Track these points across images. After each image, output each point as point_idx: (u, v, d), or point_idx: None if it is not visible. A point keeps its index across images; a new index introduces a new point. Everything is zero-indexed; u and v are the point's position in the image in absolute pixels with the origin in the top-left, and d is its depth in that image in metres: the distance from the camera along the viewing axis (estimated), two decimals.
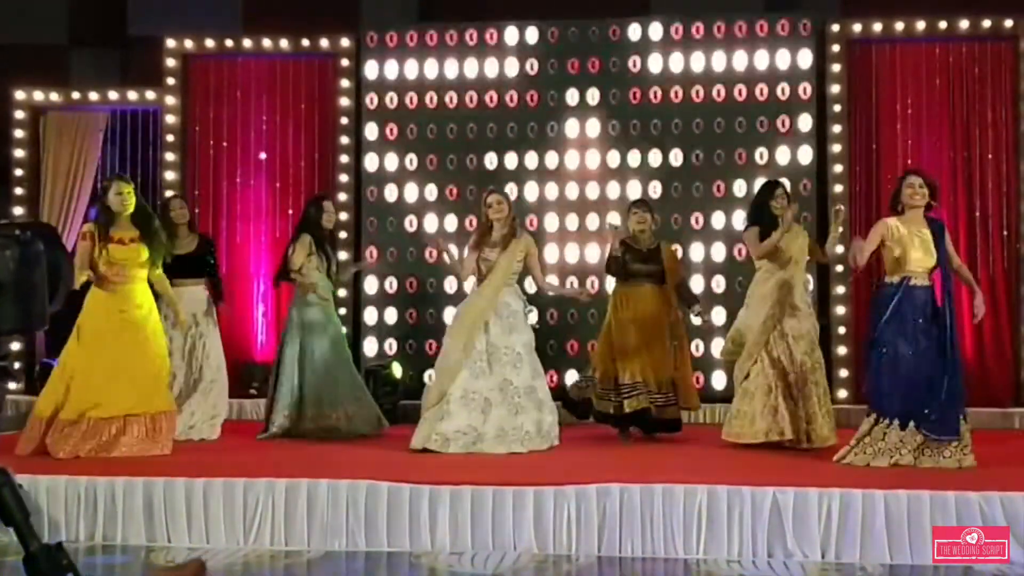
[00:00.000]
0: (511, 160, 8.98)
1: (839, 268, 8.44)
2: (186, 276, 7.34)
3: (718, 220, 8.79)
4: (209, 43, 9.29)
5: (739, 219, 8.73)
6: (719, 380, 8.68)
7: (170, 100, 9.27)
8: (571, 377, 8.66)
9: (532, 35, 9.02)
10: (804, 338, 6.78)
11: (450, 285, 8.99)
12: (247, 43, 9.27)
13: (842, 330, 8.60)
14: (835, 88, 8.77)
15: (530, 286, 7.68)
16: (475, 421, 6.61)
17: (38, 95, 9.40)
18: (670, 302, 7.31)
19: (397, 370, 8.61)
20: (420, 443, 6.58)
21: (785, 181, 7.58)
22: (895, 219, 6.06)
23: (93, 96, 9.37)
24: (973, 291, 6.20)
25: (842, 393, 8.45)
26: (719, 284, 8.76)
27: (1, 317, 2.32)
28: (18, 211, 9.32)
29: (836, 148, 8.74)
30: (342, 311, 8.77)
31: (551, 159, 8.96)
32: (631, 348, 7.18)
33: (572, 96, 8.97)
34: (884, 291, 6.06)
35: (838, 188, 8.67)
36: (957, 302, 6.08)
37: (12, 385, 9.22)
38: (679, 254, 8.14)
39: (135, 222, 6.57)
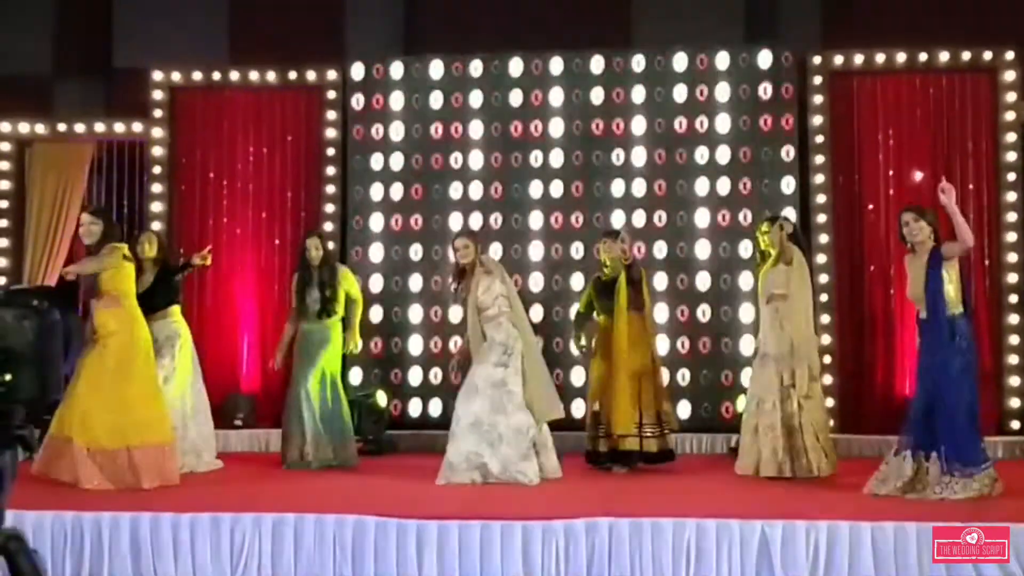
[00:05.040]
0: (496, 190, 9.02)
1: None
2: (147, 311, 6.90)
3: (703, 250, 8.83)
4: (196, 75, 9.30)
5: (723, 249, 8.79)
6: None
7: (157, 132, 9.27)
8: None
9: (516, 67, 9.08)
10: (781, 373, 6.92)
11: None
12: (234, 75, 9.30)
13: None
14: (817, 119, 8.86)
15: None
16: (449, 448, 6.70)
17: (23, 127, 9.37)
18: (639, 332, 7.27)
19: (382, 399, 8.60)
20: None
21: (791, 213, 7.97)
22: (908, 256, 6.23)
23: (79, 128, 9.32)
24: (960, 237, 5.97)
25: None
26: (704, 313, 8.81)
27: (19, 387, 2.33)
28: (3, 243, 9.28)
29: (818, 178, 8.81)
30: None
31: (536, 189, 8.99)
32: (599, 384, 7.33)
33: (556, 127, 9.02)
34: None
35: (821, 218, 8.74)
36: (970, 335, 6.15)
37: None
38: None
39: None
